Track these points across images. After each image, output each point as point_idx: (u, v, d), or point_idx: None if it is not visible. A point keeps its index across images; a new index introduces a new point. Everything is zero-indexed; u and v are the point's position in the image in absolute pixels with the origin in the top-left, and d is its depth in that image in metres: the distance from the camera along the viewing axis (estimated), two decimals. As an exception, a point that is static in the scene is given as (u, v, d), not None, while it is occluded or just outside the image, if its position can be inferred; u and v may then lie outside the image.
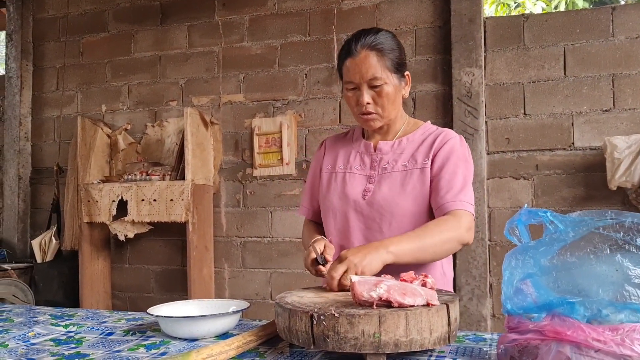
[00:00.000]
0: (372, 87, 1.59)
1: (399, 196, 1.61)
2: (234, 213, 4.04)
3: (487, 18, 3.56)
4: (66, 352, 1.29)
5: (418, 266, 1.57)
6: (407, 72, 1.67)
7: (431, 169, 1.63)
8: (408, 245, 1.44)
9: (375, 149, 1.73)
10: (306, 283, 3.73)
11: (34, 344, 1.39)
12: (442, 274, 1.68)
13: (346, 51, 1.62)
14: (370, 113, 1.62)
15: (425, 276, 1.24)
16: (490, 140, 3.49)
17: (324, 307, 1.14)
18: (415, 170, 1.64)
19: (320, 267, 1.52)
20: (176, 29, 4.24)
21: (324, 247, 1.56)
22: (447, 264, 1.72)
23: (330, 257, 1.54)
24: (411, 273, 1.27)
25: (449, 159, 1.62)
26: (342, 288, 1.35)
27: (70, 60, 4.53)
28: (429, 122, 1.78)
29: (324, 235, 1.75)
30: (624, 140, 3.11)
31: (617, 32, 3.30)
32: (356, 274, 1.32)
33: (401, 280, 1.23)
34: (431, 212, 1.63)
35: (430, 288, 1.20)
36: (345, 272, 1.34)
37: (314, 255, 1.54)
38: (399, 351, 1.07)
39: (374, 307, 1.12)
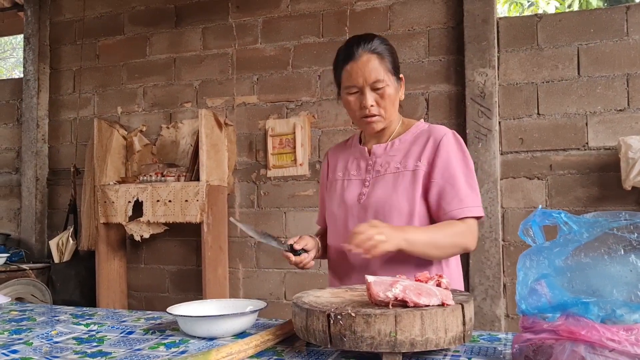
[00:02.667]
0: (374, 89, 1.64)
1: (391, 197, 1.65)
2: (248, 214, 4.08)
3: (500, 18, 3.56)
4: (89, 350, 1.33)
5: (419, 259, 1.62)
6: (401, 75, 1.72)
7: (431, 173, 1.64)
8: (422, 239, 1.52)
9: (370, 153, 1.77)
10: (320, 283, 3.75)
11: (57, 342, 1.42)
12: (447, 266, 1.71)
13: (346, 56, 1.66)
14: (373, 115, 1.66)
15: (440, 276, 1.26)
16: (503, 140, 3.49)
17: (340, 307, 1.16)
18: (407, 172, 1.67)
19: (287, 254, 1.66)
20: (191, 31, 4.29)
21: (298, 238, 1.70)
22: (455, 261, 1.75)
23: (299, 246, 1.68)
24: (425, 273, 1.29)
25: (449, 163, 1.64)
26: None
27: (87, 62, 4.59)
28: (421, 120, 1.81)
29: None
30: (638, 140, 3.09)
31: (631, 31, 3.29)
32: (376, 242, 1.40)
33: (416, 280, 1.25)
34: (423, 211, 1.65)
35: (445, 288, 1.22)
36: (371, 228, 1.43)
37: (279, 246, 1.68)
38: (415, 350, 1.09)
39: (390, 306, 1.14)
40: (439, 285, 1.23)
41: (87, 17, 4.60)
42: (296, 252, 1.68)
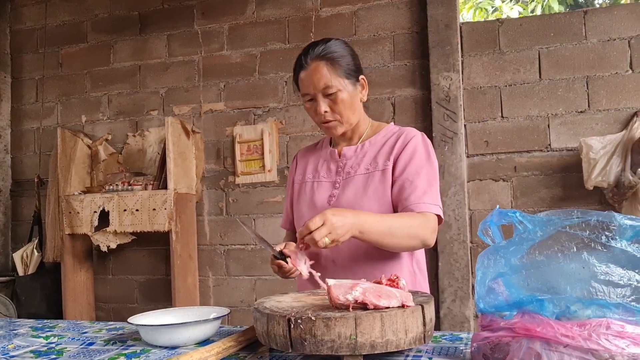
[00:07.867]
0: (326, 95, 1.64)
1: (362, 199, 1.65)
2: (217, 221, 4.05)
3: (463, 23, 3.61)
4: (46, 364, 1.30)
5: (385, 261, 1.62)
6: (362, 76, 1.71)
7: (394, 170, 1.66)
8: (378, 227, 1.48)
9: (340, 155, 1.77)
10: (290, 289, 3.73)
11: (13, 356, 1.39)
12: (412, 273, 1.71)
13: (299, 65, 1.68)
14: (329, 121, 1.67)
15: (397, 277, 1.27)
16: (469, 143, 3.53)
17: (301, 311, 1.16)
18: (377, 173, 1.67)
19: (280, 262, 1.53)
20: (155, 38, 4.24)
21: (284, 245, 1.62)
22: (417, 265, 1.74)
23: (289, 252, 1.55)
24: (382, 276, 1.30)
25: (412, 159, 1.65)
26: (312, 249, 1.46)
27: (49, 71, 4.51)
28: (392, 123, 1.82)
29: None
30: (599, 140, 3.17)
31: (589, 35, 3.37)
32: (329, 233, 1.37)
33: (374, 282, 1.25)
34: (392, 210, 1.65)
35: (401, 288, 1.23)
36: (321, 226, 1.38)
37: (272, 252, 1.56)
38: (376, 352, 1.10)
39: (350, 309, 1.14)
40: (397, 286, 1.24)
41: (49, 25, 4.52)
42: (282, 257, 1.55)
